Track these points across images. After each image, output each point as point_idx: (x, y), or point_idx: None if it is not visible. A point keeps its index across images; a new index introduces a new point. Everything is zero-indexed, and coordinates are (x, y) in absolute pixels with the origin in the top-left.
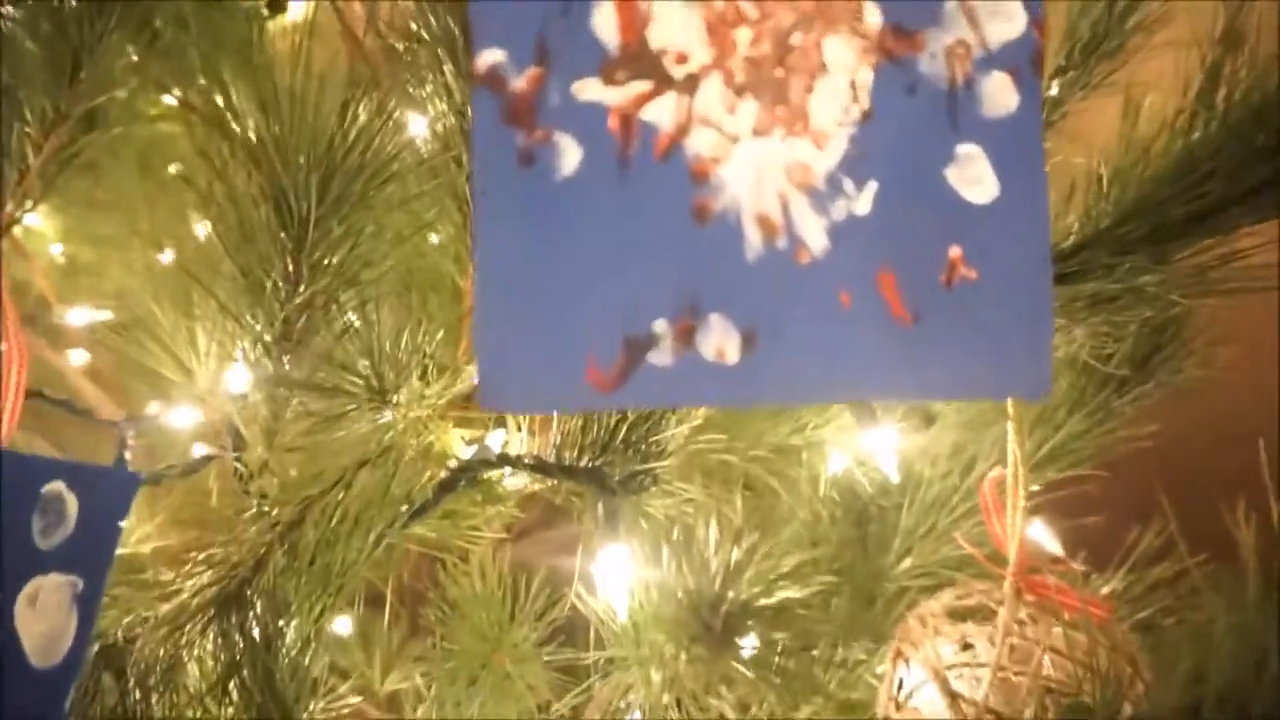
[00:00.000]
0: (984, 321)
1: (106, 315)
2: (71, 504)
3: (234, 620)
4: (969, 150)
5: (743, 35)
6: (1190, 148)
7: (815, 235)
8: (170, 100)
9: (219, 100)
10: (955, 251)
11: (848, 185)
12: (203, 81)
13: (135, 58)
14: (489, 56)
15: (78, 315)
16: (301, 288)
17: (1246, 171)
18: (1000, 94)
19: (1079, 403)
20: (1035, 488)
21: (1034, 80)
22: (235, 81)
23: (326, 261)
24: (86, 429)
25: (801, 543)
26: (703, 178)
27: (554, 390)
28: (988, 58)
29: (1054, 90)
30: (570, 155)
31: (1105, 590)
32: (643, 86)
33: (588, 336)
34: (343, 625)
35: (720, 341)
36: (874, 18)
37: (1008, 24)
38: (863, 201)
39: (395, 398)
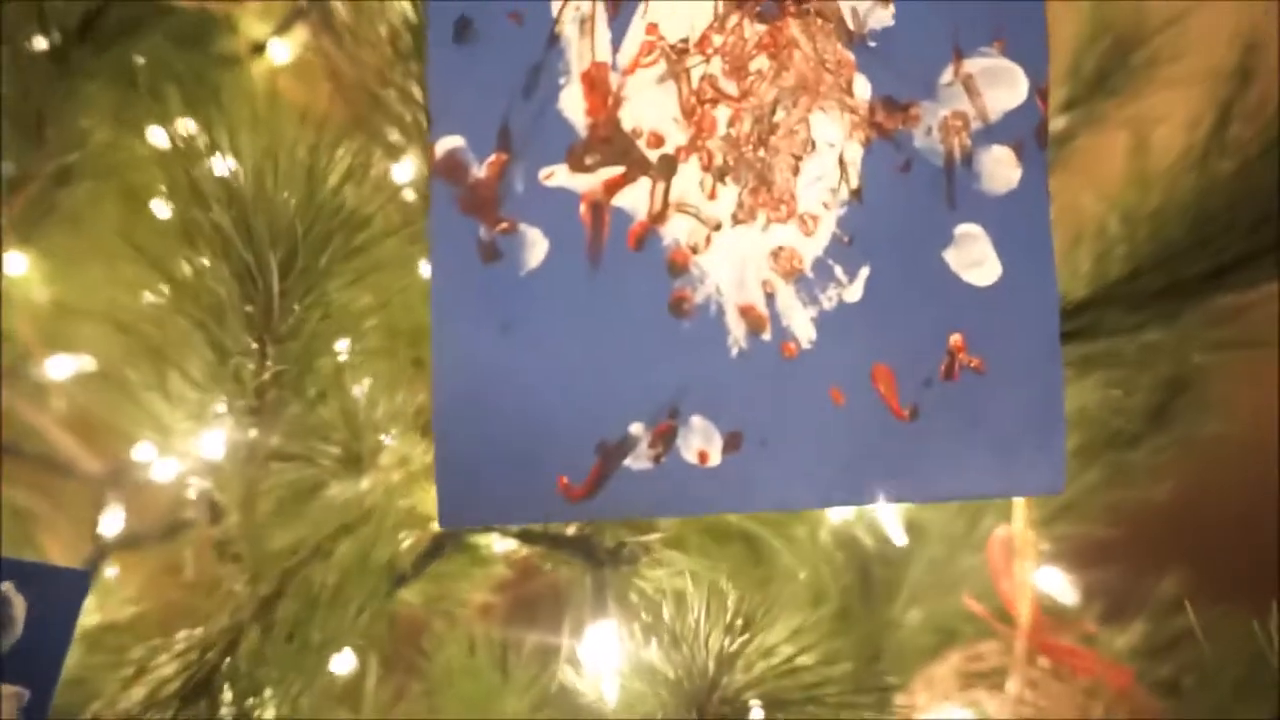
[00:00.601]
0: (990, 415)
1: (88, 364)
2: (20, 606)
3: (204, 707)
4: (969, 230)
5: (722, 114)
6: (1203, 194)
7: (803, 327)
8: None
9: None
10: (956, 339)
11: (838, 272)
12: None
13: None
14: (447, 143)
15: (60, 364)
16: (269, 362)
17: (1266, 225)
18: (1001, 169)
19: (1089, 458)
20: (1045, 546)
21: (1038, 153)
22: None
23: (296, 333)
24: (65, 484)
25: (802, 603)
26: (681, 268)
27: (520, 502)
28: (987, 130)
29: (1061, 124)
30: (537, 247)
31: (1122, 641)
32: (614, 171)
33: (557, 442)
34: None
35: (702, 444)
36: (864, 90)
37: (1009, 93)
38: (854, 289)
39: (376, 461)
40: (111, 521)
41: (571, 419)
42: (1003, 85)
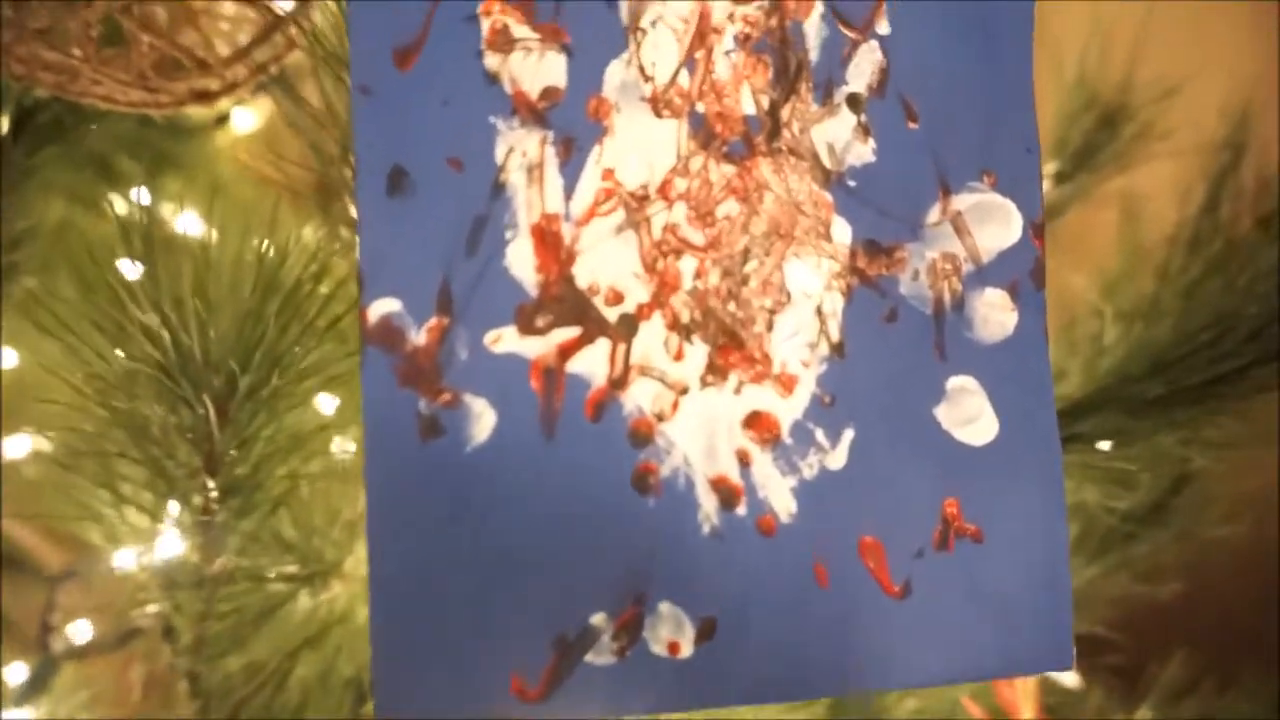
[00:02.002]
0: (990, 588)
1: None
2: None
3: None
4: (962, 383)
5: (687, 265)
6: (1198, 287)
7: (782, 499)
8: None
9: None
10: (951, 506)
11: (819, 436)
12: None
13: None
14: (381, 307)
15: (16, 444)
16: (217, 480)
17: (1267, 331)
18: (996, 314)
19: (1090, 553)
20: None
21: (1035, 295)
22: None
23: (244, 457)
24: (19, 581)
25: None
26: (645, 438)
27: (469, 699)
28: (979, 272)
29: (1050, 199)
30: (483, 421)
31: None
32: (569, 333)
33: (510, 638)
34: None
35: (672, 634)
36: (843, 234)
37: (1002, 231)
38: (838, 454)
39: (339, 571)
40: (62, 623)
41: (525, 611)
42: (994, 222)
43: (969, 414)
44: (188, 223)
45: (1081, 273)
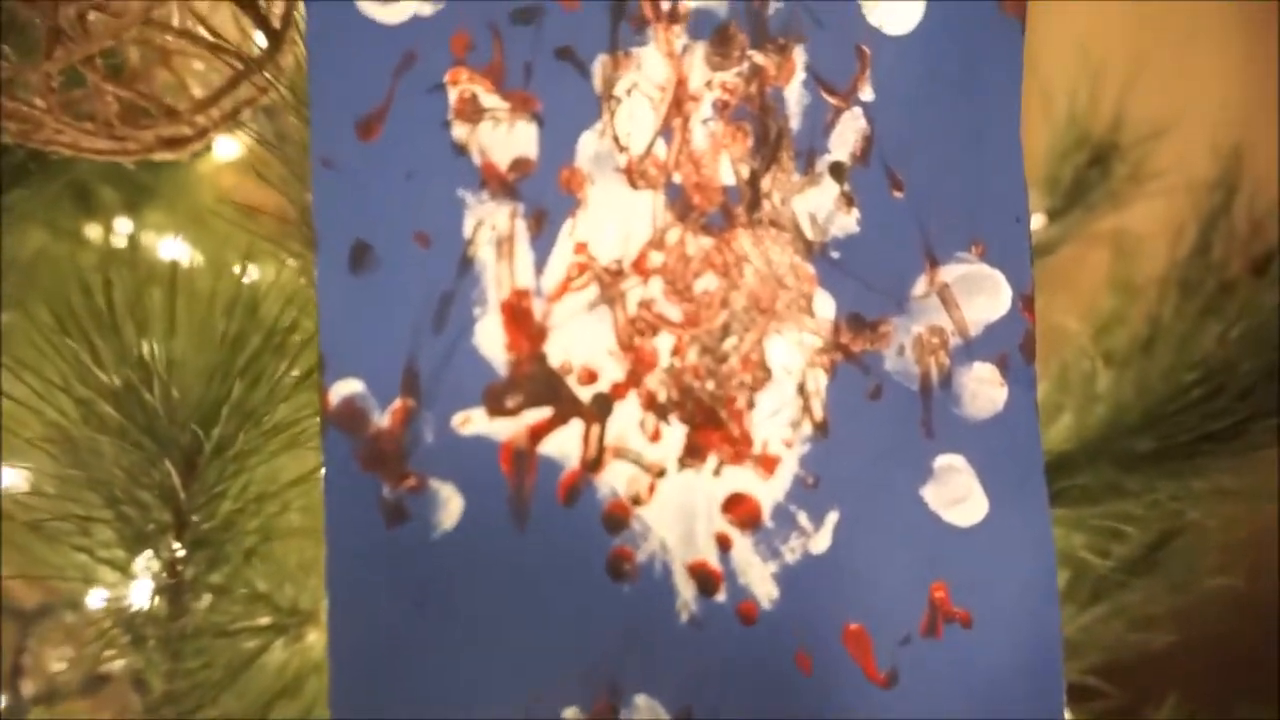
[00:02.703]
0: (980, 676)
1: (18, 480)
2: None
3: None
4: (949, 462)
5: (664, 343)
6: (1191, 336)
7: (763, 584)
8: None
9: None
10: (939, 590)
11: (802, 519)
12: None
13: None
14: (343, 388)
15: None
16: (185, 535)
17: (1266, 385)
18: (985, 389)
19: (1081, 601)
20: None
21: (1026, 369)
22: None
23: (212, 513)
24: None
25: None
26: (620, 523)
27: None
28: (968, 346)
29: (1040, 237)
30: (450, 506)
31: None
32: (541, 414)
33: None
34: None
35: None
36: (826, 309)
37: (991, 302)
38: (821, 538)
39: (315, 619)
40: (33, 665)
41: (493, 706)
42: (983, 294)
43: (957, 494)
44: (158, 263)
45: (1072, 313)
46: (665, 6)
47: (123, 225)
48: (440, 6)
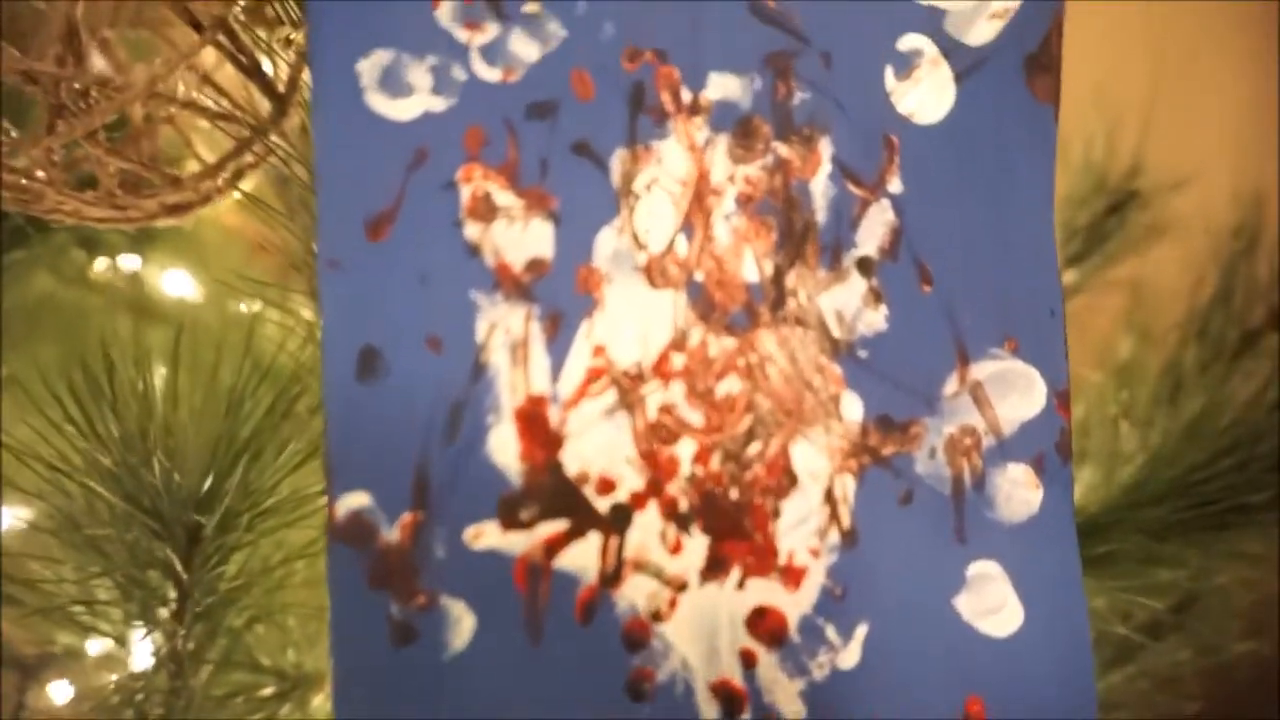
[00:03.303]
0: None
1: (19, 522)
2: None
3: None
4: (984, 569)
5: (685, 449)
6: (1220, 400)
7: (790, 703)
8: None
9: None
10: (974, 705)
11: (830, 633)
12: None
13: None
14: (350, 502)
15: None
16: (187, 607)
17: None
18: (1020, 492)
19: (1104, 662)
20: None
21: (1062, 469)
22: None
23: (216, 582)
24: None
25: None
26: (639, 641)
27: None
28: (1001, 447)
29: None
30: (462, 624)
31: None
32: (556, 527)
33: None
34: None
35: None
36: (854, 410)
37: (1024, 400)
38: (850, 652)
39: (321, 682)
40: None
41: None
42: (1017, 392)
43: (992, 603)
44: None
45: (1088, 362)
46: (686, 98)
47: (128, 261)
48: (453, 102)
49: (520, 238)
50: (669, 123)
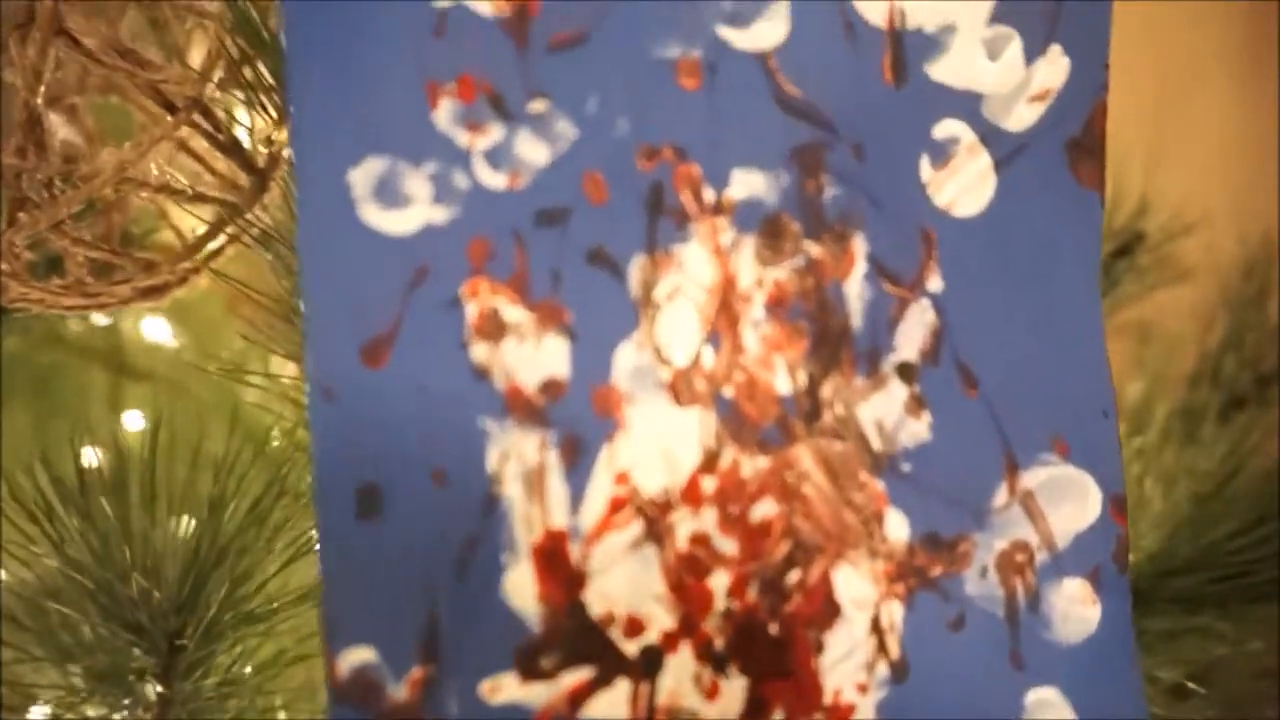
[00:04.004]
0: None
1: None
2: None
3: None
4: (1043, 696)
5: (719, 582)
6: (1243, 456)
7: None
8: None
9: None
10: None
11: None
12: None
13: None
14: (353, 658)
15: None
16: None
17: None
18: (1077, 609)
19: None
20: None
21: (1119, 579)
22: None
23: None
24: None
25: None
26: None
27: None
28: (1055, 561)
29: None
30: None
31: None
32: (581, 675)
33: None
34: None
35: None
36: (899, 529)
37: (1078, 509)
38: None
39: None
40: None
41: None
42: (1069, 499)
43: None
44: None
45: None
46: (708, 197)
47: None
48: (455, 212)
49: (532, 357)
50: (690, 225)
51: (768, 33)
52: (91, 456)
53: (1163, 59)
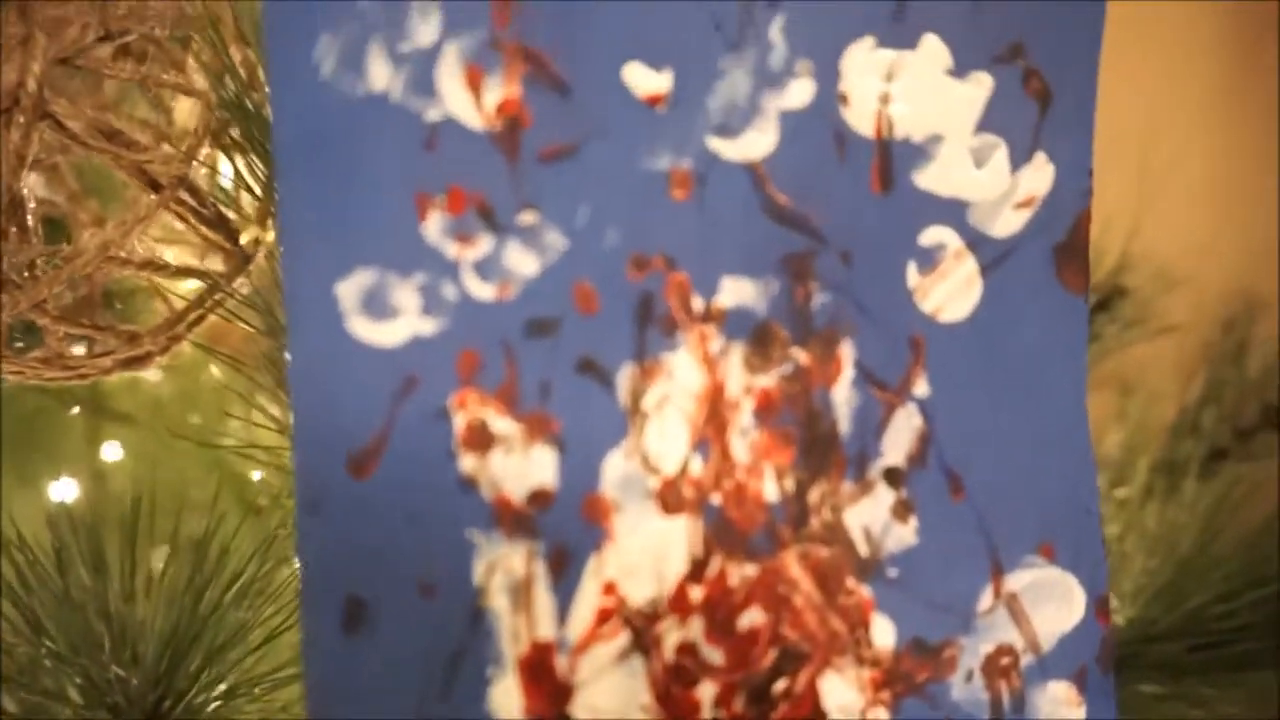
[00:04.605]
0: None
1: None
2: None
3: None
4: None
5: (706, 692)
6: (1223, 519)
7: None
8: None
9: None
10: None
11: None
12: None
13: None
14: None
15: None
16: None
17: None
18: (1061, 711)
19: None
20: None
21: (1103, 680)
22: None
23: None
24: None
25: None
26: None
27: None
28: (1040, 663)
29: None
30: None
31: None
32: None
33: None
34: None
35: None
36: (885, 636)
37: (1063, 612)
38: None
39: None
40: None
41: None
42: (1054, 602)
43: None
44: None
45: None
46: (697, 306)
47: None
48: (443, 323)
49: (520, 467)
50: (679, 333)
51: (757, 143)
52: (66, 517)
53: (1148, 118)
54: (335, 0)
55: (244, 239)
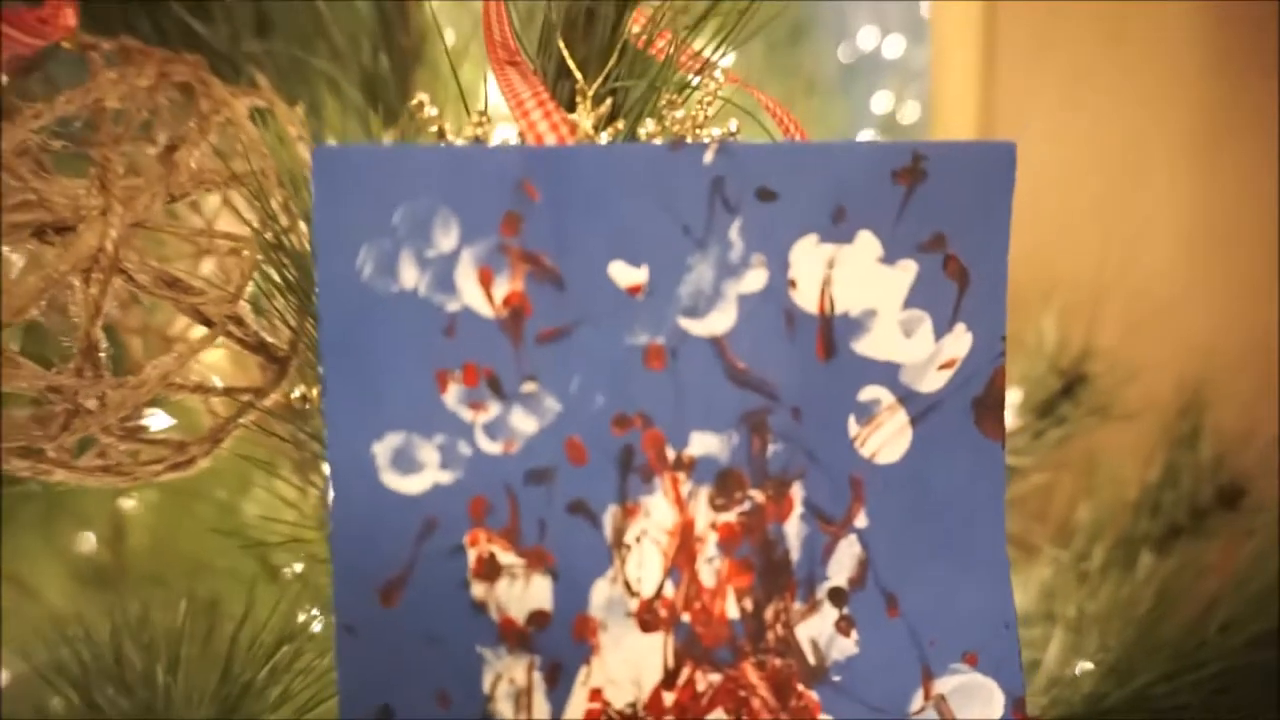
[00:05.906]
0: None
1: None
2: None
3: None
4: None
5: None
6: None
7: None
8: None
9: None
10: None
11: None
12: None
13: None
14: None
15: None
16: None
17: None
18: None
19: None
20: None
21: None
22: None
23: None
24: None
25: None
26: None
27: None
28: None
29: (1011, 462)
30: None
31: None
32: None
33: None
34: None
35: None
36: None
37: (984, 710)
38: None
39: None
40: None
41: None
42: (977, 702)
43: None
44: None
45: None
46: (670, 456)
47: None
48: (459, 474)
49: (522, 593)
50: (656, 479)
51: (719, 321)
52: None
53: (1109, 208)
54: (372, 216)
55: (293, 400)
